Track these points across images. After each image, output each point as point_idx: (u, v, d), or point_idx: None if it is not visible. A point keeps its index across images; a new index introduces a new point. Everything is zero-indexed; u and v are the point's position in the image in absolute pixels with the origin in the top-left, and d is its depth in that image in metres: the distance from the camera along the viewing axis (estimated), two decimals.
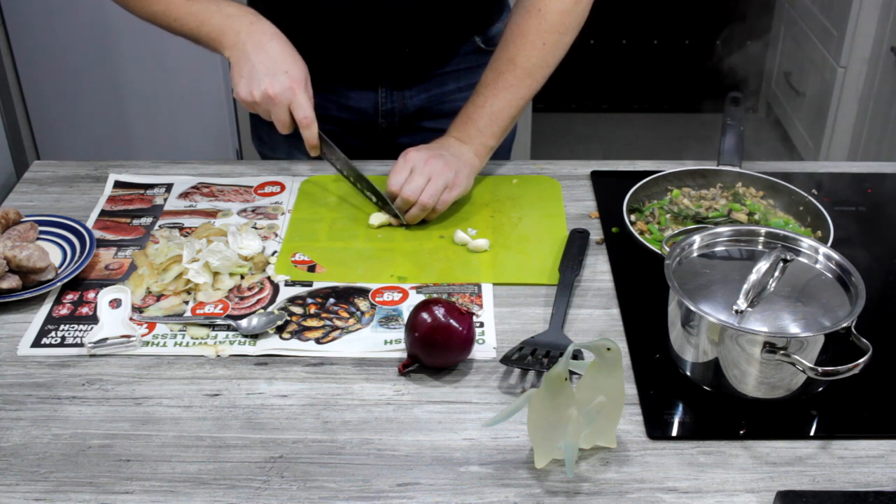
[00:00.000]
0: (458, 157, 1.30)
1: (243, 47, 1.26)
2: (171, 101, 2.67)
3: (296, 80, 1.25)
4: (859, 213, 1.32)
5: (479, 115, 1.33)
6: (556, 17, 1.31)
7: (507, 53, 1.33)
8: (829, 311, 0.97)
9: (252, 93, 1.25)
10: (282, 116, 1.27)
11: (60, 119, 2.70)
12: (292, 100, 1.26)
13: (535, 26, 1.32)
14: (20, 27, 2.56)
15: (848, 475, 0.91)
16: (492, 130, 1.33)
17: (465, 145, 1.33)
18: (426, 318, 1.01)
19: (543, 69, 1.34)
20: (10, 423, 0.97)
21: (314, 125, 1.27)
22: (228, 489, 0.89)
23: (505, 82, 1.32)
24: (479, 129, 1.33)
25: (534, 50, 1.32)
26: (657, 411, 0.98)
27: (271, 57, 1.26)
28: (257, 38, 1.27)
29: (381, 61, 1.44)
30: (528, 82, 1.33)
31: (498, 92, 1.32)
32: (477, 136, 1.33)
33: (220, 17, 1.29)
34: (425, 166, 1.26)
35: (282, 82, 1.24)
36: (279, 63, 1.26)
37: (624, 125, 3.72)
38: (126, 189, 1.39)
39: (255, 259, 1.21)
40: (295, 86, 1.25)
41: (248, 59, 1.26)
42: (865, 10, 2.71)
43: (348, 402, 1.00)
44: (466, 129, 1.33)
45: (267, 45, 1.27)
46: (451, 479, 0.90)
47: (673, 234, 1.14)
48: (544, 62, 1.33)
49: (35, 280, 1.15)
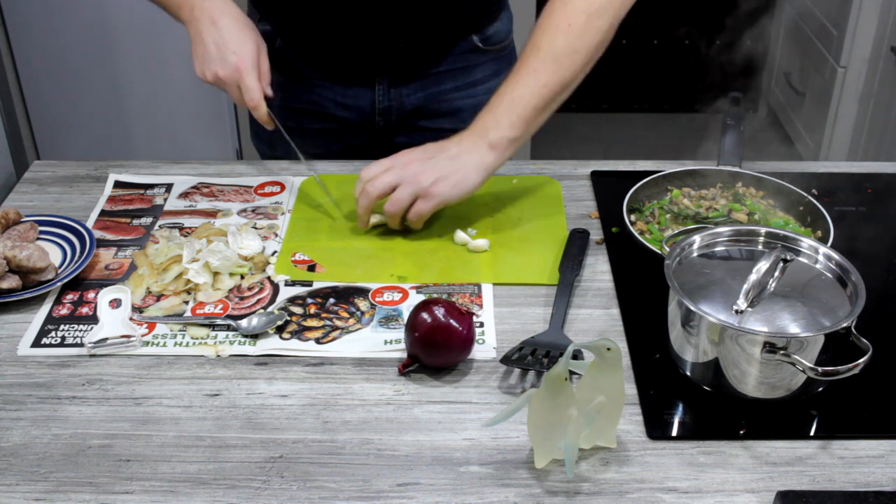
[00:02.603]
0: (456, 158, 1.22)
1: (197, 24, 1.28)
2: (171, 101, 2.67)
3: (243, 59, 1.26)
4: (859, 213, 1.32)
5: (498, 103, 1.23)
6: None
7: (532, 40, 1.25)
8: (829, 311, 0.97)
9: (205, 74, 1.28)
10: (235, 95, 1.29)
11: (60, 119, 2.70)
12: (240, 81, 1.26)
13: (561, 7, 1.24)
14: (20, 27, 2.56)
15: (848, 475, 0.91)
16: (510, 120, 1.22)
17: (478, 138, 1.23)
18: (426, 318, 1.01)
19: (572, 55, 1.23)
20: (10, 423, 0.97)
21: (261, 106, 1.28)
22: (228, 489, 0.90)
23: (528, 68, 1.23)
24: (496, 119, 1.23)
25: (558, 32, 1.23)
26: (657, 411, 0.98)
27: (222, 35, 1.26)
28: (209, 14, 1.27)
29: (377, 56, 1.43)
30: (553, 68, 1.22)
31: (520, 78, 1.23)
32: (493, 127, 1.22)
33: None
34: (402, 168, 1.21)
35: (230, 63, 1.26)
36: (229, 42, 1.26)
37: (624, 125, 3.71)
38: (126, 189, 1.39)
39: (255, 259, 1.21)
40: (242, 66, 1.26)
41: (201, 38, 1.27)
42: (865, 10, 2.71)
43: (348, 402, 1.00)
44: (483, 119, 1.24)
45: (219, 21, 1.27)
46: (451, 479, 0.90)
47: (673, 234, 1.14)
48: (571, 46, 1.22)
49: (35, 280, 1.15)
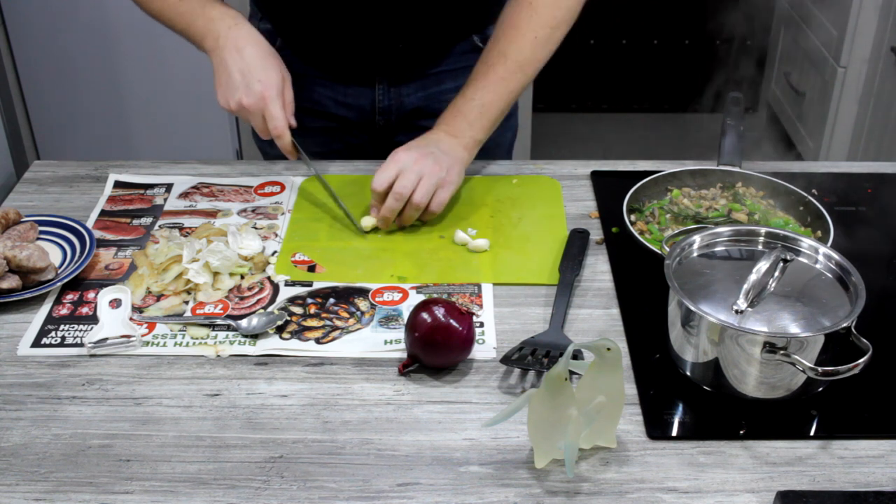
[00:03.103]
0: (448, 153, 1.27)
1: (221, 53, 1.28)
2: (171, 101, 2.67)
3: (268, 87, 1.26)
4: (859, 213, 1.32)
5: (469, 108, 1.31)
6: (548, 11, 1.31)
7: (497, 47, 1.32)
8: (829, 311, 0.97)
9: (228, 102, 1.28)
10: (258, 124, 1.29)
11: (60, 119, 2.70)
12: (265, 109, 1.27)
13: (527, 20, 1.31)
14: (20, 27, 2.56)
15: (848, 475, 0.91)
16: (481, 124, 1.31)
17: (454, 139, 1.30)
18: (426, 318, 1.01)
19: (534, 63, 1.32)
20: (10, 423, 0.97)
21: (286, 135, 1.28)
22: (228, 489, 0.90)
23: (496, 75, 1.31)
24: (469, 123, 1.31)
25: (525, 43, 1.31)
26: (657, 411, 0.98)
27: (247, 63, 1.26)
28: (234, 44, 1.27)
29: (376, 57, 1.44)
30: (518, 76, 1.32)
31: (488, 85, 1.31)
32: (467, 130, 1.31)
33: (203, 21, 1.30)
34: (415, 165, 1.24)
35: (255, 92, 1.26)
36: (253, 71, 1.27)
37: (624, 125, 3.71)
38: (126, 189, 1.39)
39: (255, 259, 1.21)
40: (267, 95, 1.26)
41: (225, 66, 1.27)
42: (865, 10, 2.71)
43: (348, 402, 1.00)
44: (456, 122, 1.31)
45: (244, 50, 1.27)
46: (451, 479, 0.90)
47: (673, 234, 1.14)
48: (535, 56, 1.32)
49: (35, 280, 1.15)
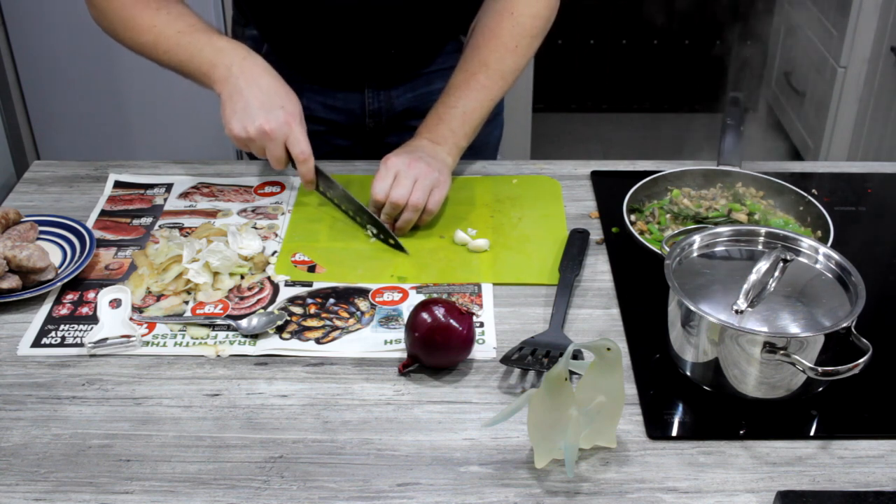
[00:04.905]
0: (435, 157, 1.28)
1: (235, 82, 1.23)
2: (171, 101, 2.67)
3: (292, 114, 1.23)
4: (859, 213, 1.32)
5: (451, 115, 1.32)
6: (529, 21, 1.33)
7: (479, 55, 1.33)
8: (829, 311, 0.97)
9: (246, 128, 1.22)
10: (277, 152, 1.24)
11: (60, 119, 2.70)
12: (289, 135, 1.23)
13: (509, 29, 1.33)
14: (20, 27, 2.56)
15: (848, 475, 0.91)
16: (464, 131, 1.33)
17: (438, 146, 1.31)
18: (426, 318, 1.01)
19: (515, 72, 1.35)
20: (10, 423, 0.97)
21: (311, 160, 1.25)
22: (228, 489, 0.90)
23: (477, 83, 1.33)
24: (451, 130, 1.32)
25: (507, 52, 1.33)
26: (657, 411, 0.98)
27: (265, 92, 1.23)
28: (249, 73, 1.24)
29: (367, 63, 1.43)
30: (500, 84, 1.34)
31: (470, 93, 1.32)
32: (450, 137, 1.32)
33: (210, 51, 1.26)
34: (409, 169, 1.24)
35: (278, 117, 1.22)
36: (274, 98, 1.23)
37: (624, 125, 3.71)
38: (126, 189, 1.39)
39: (255, 259, 1.21)
40: (291, 120, 1.23)
41: (241, 94, 1.23)
42: (865, 10, 2.71)
43: (348, 402, 1.00)
44: (439, 129, 1.32)
45: (260, 79, 1.24)
46: (451, 479, 0.90)
47: (673, 234, 1.14)
48: (516, 65, 1.35)
49: (35, 280, 1.15)
